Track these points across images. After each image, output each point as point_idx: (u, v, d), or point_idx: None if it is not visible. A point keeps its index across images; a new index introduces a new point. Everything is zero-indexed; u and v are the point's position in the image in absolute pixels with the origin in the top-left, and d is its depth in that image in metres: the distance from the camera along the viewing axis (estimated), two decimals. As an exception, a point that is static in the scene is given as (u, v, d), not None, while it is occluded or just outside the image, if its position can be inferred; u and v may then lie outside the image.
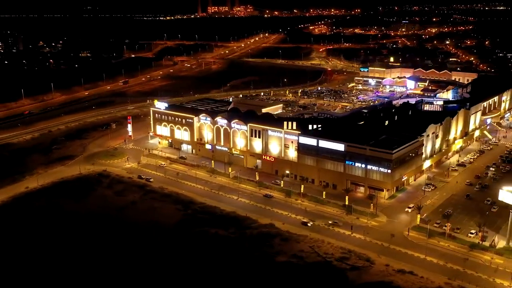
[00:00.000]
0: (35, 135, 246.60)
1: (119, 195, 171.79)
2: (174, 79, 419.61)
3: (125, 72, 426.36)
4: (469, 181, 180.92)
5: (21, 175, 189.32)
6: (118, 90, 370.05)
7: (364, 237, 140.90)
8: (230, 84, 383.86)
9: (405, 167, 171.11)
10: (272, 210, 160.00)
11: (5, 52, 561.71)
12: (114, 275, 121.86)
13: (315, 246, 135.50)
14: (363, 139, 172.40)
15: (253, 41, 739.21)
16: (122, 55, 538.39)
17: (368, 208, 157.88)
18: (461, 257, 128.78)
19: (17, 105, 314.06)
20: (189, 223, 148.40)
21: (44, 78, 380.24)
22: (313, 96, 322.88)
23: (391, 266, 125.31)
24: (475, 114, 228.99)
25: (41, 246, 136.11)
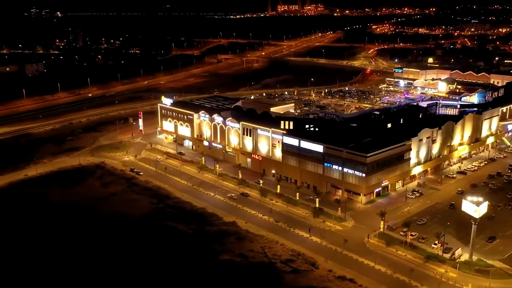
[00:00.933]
0: (56, 126, 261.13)
1: (105, 186, 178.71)
2: (211, 77, 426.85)
3: (167, 68, 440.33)
4: (461, 190, 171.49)
5: (27, 163, 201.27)
6: (153, 86, 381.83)
7: (321, 241, 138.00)
8: (262, 82, 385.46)
9: (386, 171, 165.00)
10: (242, 208, 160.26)
11: (64, 48, 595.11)
12: (57, 262, 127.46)
13: (266, 247, 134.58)
14: (347, 141, 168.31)
15: (306, 40, 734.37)
16: (169, 53, 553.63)
17: (346, 211, 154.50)
18: (411, 266, 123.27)
19: (53, 98, 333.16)
20: (154, 217, 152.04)
21: (88, 73, 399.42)
22: (337, 97, 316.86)
23: (334, 272, 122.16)
24: (490, 119, 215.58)
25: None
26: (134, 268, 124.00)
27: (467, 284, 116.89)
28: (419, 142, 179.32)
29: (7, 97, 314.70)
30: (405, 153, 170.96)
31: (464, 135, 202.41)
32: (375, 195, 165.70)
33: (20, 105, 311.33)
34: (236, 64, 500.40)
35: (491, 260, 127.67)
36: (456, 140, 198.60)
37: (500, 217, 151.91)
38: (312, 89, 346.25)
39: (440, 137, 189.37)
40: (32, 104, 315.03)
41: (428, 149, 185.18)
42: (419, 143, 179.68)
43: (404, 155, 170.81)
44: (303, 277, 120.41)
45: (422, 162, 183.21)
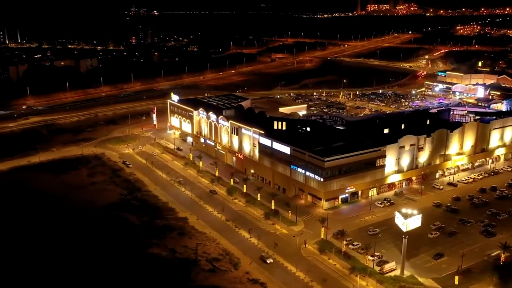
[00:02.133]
0: (81, 118, 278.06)
1: (90, 176, 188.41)
2: (255, 75, 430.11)
3: (216, 66, 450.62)
4: (439, 202, 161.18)
5: (37, 151, 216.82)
6: (194, 83, 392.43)
7: (257, 243, 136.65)
8: (302, 82, 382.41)
9: (352, 177, 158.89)
10: (203, 205, 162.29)
11: (131, 44, 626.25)
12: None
13: (201, 244, 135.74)
14: (321, 144, 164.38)
15: (375, 41, 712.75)
16: (225, 51, 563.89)
17: (305, 215, 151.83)
18: (334, 277, 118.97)
19: (96, 91, 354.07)
20: (114, 207, 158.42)
21: (138, 69, 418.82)
22: (365, 99, 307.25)
23: (250, 275, 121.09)
24: (502, 129, 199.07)
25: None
26: (57, 250, 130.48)
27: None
28: (400, 149, 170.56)
29: (54, 89, 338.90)
30: (377, 160, 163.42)
31: (464, 144, 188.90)
32: (341, 201, 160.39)
33: (63, 97, 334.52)
34: (288, 64, 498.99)
35: (425, 278, 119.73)
36: (453, 149, 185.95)
37: (464, 234, 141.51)
38: (342, 90, 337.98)
39: (429, 145, 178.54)
40: (74, 96, 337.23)
41: (413, 157, 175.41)
42: (400, 150, 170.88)
43: (376, 162, 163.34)
44: (217, 276, 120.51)
45: (405, 170, 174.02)
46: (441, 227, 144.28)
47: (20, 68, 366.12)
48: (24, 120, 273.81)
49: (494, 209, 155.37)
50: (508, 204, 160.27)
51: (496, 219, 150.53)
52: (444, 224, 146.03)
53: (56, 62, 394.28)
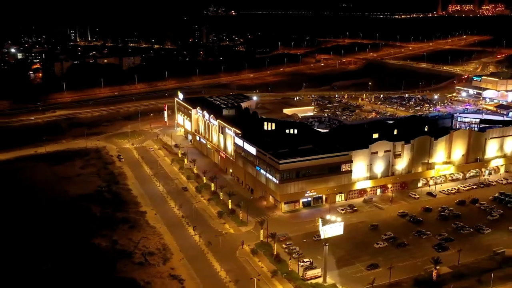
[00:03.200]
0: (103, 113, 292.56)
1: (82, 167, 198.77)
2: (291, 76, 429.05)
3: (257, 66, 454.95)
4: (405, 212, 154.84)
5: (46, 142, 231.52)
6: (226, 82, 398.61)
7: (199, 240, 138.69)
8: (333, 84, 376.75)
9: (312, 181, 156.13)
10: (169, 201, 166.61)
11: (185, 43, 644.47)
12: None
13: (145, 238, 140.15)
14: (287, 146, 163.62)
15: (436, 43, 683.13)
16: (271, 51, 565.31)
17: (261, 216, 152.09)
18: (251, 278, 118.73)
19: (130, 88, 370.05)
20: (85, 198, 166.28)
21: (181, 67, 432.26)
22: (386, 103, 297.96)
23: (174, 271, 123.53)
24: (501, 139, 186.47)
25: None
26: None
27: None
28: (372, 155, 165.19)
29: (92, 85, 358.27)
30: (342, 165, 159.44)
31: (452, 153, 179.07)
32: (302, 205, 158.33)
33: (98, 92, 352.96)
34: (332, 65, 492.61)
35: (348, 287, 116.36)
36: (439, 157, 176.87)
37: (415, 247, 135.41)
38: (365, 93, 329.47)
39: (408, 152, 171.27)
40: (108, 92, 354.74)
41: (389, 164, 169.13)
42: (373, 156, 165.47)
43: (341, 167, 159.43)
44: (142, 270, 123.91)
45: (379, 177, 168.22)
46: (393, 237, 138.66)
47: (65, 65, 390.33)
48: (52, 113, 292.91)
49: (461, 223, 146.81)
50: (481, 219, 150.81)
51: (459, 233, 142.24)
52: (398, 235, 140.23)
53: (100, 60, 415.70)
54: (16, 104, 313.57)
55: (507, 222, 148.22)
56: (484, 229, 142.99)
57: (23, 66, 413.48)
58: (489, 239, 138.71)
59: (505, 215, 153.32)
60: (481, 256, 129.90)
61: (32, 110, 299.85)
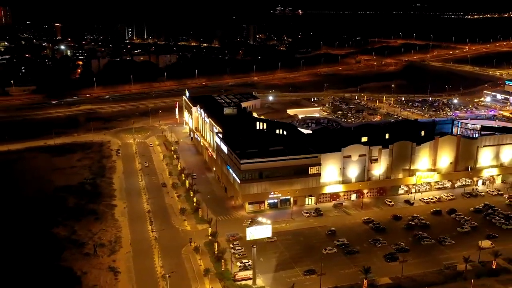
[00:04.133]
0: (124, 109, 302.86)
1: (79, 160, 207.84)
2: (324, 76, 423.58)
3: (292, 66, 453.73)
4: (370, 219, 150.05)
5: (58, 135, 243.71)
6: (257, 81, 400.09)
7: (153, 235, 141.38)
8: (363, 85, 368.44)
9: (277, 183, 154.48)
10: (144, 195, 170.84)
11: (231, 42, 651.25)
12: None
13: (104, 230, 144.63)
14: (262, 146, 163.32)
15: (495, 45, 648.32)
16: (312, 51, 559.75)
17: (225, 215, 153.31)
18: (182, 275, 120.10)
19: (160, 85, 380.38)
20: (67, 189, 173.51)
21: (217, 65, 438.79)
22: (405, 106, 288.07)
23: (114, 263, 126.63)
24: (497, 147, 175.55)
25: None
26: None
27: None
28: (345, 159, 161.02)
29: (123, 81, 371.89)
30: (310, 167, 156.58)
31: (438, 160, 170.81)
32: (268, 206, 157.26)
33: (128, 88, 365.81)
34: (371, 66, 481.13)
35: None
36: (422, 164, 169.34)
37: (365, 255, 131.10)
38: (385, 96, 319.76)
39: (386, 157, 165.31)
40: (137, 88, 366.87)
41: (364, 169, 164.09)
42: (346, 159, 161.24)
43: (308, 169, 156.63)
44: (85, 260, 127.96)
45: (353, 182, 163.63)
46: (345, 244, 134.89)
47: (102, 62, 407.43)
48: (76, 108, 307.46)
49: (425, 234, 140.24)
50: (450, 230, 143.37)
51: (419, 244, 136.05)
52: (352, 242, 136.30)
53: (136, 58, 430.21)
54: (49, 98, 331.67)
55: (476, 235, 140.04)
56: (446, 242, 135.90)
57: (66, 63, 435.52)
58: (448, 252, 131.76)
59: (478, 228, 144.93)
60: (431, 269, 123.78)
61: (60, 104, 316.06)
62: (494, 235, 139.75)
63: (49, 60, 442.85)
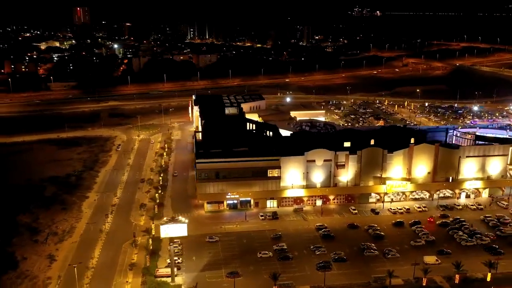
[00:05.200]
0: (146, 106, 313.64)
1: (79, 153, 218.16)
2: (362, 79, 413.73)
3: (332, 67, 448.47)
4: (323, 226, 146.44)
5: (75, 129, 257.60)
6: (290, 83, 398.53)
7: (92, 229, 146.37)
8: (397, 89, 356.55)
9: (234, 184, 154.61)
10: (118, 189, 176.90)
11: (284, 43, 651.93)
12: None
13: (64, 220, 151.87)
14: (227, 147, 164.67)
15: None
16: (360, 53, 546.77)
17: (185, 213, 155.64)
18: (109, 268, 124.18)
19: (193, 84, 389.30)
20: (53, 180, 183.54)
21: (255, 66, 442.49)
22: (425, 112, 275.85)
23: (56, 251, 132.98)
24: (481, 158, 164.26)
25: None
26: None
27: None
28: (308, 163, 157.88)
29: (158, 79, 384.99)
30: (269, 170, 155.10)
31: (413, 169, 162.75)
32: (227, 206, 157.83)
33: (161, 87, 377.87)
34: (416, 69, 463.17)
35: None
36: (395, 172, 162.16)
37: (298, 261, 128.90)
38: (406, 100, 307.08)
39: (354, 163, 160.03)
40: (170, 86, 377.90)
41: (330, 174, 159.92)
42: (310, 164, 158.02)
43: (267, 172, 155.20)
44: (31, 247, 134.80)
45: (318, 187, 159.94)
46: (283, 249, 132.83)
47: (142, 60, 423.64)
48: (104, 103, 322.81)
49: (373, 245, 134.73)
50: (402, 243, 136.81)
51: (361, 255, 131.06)
52: (293, 248, 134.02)
53: (176, 57, 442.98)
54: (85, 94, 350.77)
55: (427, 250, 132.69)
56: (390, 254, 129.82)
57: (113, 61, 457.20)
58: (387, 265, 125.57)
59: (436, 242, 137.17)
60: (359, 281, 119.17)
61: (92, 99, 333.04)
62: (448, 251, 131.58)
63: (98, 58, 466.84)
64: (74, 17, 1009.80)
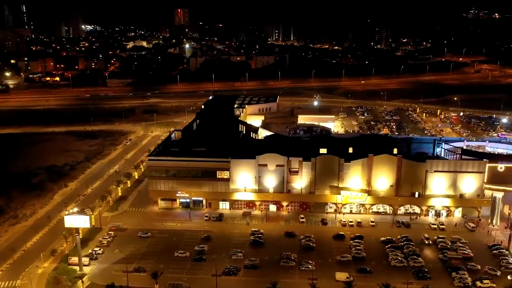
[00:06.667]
0: (182, 104, 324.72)
1: (90, 146, 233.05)
2: (417, 85, 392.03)
3: (394, 72, 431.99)
4: (257, 231, 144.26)
5: (103, 122, 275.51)
6: (340, 86, 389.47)
7: (60, 217, 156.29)
8: (446, 97, 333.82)
9: (184, 183, 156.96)
10: (97, 181, 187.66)
11: (361, 45, 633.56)
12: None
13: (33, 205, 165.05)
14: (188, 146, 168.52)
15: None
16: (434, 57, 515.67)
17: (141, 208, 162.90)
18: (33, 254, 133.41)
19: (241, 84, 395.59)
20: (47, 168, 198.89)
21: (311, 68, 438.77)
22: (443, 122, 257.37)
23: (5, 234, 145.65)
24: (453, 174, 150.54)
25: None
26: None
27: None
28: (260, 167, 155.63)
29: (207, 79, 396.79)
30: (218, 171, 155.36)
31: (373, 181, 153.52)
32: (180, 205, 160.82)
33: (210, 86, 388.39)
34: (486, 76, 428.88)
35: (96, 280, 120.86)
36: (353, 183, 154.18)
37: (211, 263, 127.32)
38: (443, 109, 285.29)
39: (308, 170, 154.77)
40: (218, 86, 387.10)
41: (283, 180, 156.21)
42: (262, 168, 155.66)
43: (216, 173, 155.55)
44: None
45: (271, 192, 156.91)
46: (202, 251, 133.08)
47: (199, 60, 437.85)
48: (146, 100, 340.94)
49: (293, 255, 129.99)
50: (327, 257, 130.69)
51: (277, 264, 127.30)
52: (213, 250, 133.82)
53: (233, 58, 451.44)
54: (136, 91, 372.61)
55: (351, 265, 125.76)
56: (304, 266, 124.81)
57: (177, 60, 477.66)
58: (295, 277, 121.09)
59: (365, 259, 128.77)
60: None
61: (134, 96, 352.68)
62: (370, 270, 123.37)
63: (163, 57, 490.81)
64: (175, 18, 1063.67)
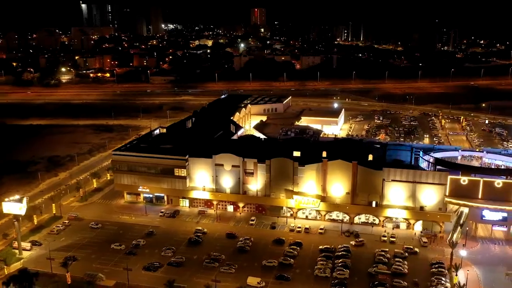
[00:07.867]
0: (205, 103, 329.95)
1: (102, 138, 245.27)
2: (464, 89, 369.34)
3: (457, 74, 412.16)
4: (200, 230, 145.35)
5: (126, 117, 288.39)
6: (377, 88, 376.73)
7: (36, 202, 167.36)
8: (492, 103, 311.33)
9: (144, 178, 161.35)
10: (85, 173, 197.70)
11: (427, 46, 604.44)
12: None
13: (16, 191, 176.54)
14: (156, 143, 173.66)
15: None
16: (493, 60, 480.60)
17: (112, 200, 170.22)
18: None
19: (280, 84, 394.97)
20: (48, 158, 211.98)
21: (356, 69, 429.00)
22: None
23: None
24: (411, 185, 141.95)
25: None
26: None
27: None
28: (217, 167, 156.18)
29: (246, 78, 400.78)
30: (175, 169, 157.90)
31: (328, 187, 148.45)
32: (144, 199, 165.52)
33: (248, 85, 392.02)
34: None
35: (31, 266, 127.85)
36: (308, 188, 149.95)
37: (142, 257, 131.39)
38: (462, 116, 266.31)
39: (263, 173, 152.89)
40: (256, 86, 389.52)
41: (239, 181, 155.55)
42: (219, 168, 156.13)
43: (174, 170, 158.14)
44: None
45: (228, 192, 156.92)
46: (137, 245, 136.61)
47: (243, 60, 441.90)
48: (178, 97, 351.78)
49: (222, 256, 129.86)
50: (254, 261, 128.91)
51: (202, 265, 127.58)
52: (150, 245, 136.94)
53: (277, 57, 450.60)
54: (175, 88, 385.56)
55: (273, 271, 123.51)
56: (222, 268, 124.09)
57: (226, 59, 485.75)
58: (210, 276, 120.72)
59: (291, 266, 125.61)
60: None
61: (168, 93, 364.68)
62: (287, 277, 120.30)
63: (215, 56, 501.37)
64: (251, 17, 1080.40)
